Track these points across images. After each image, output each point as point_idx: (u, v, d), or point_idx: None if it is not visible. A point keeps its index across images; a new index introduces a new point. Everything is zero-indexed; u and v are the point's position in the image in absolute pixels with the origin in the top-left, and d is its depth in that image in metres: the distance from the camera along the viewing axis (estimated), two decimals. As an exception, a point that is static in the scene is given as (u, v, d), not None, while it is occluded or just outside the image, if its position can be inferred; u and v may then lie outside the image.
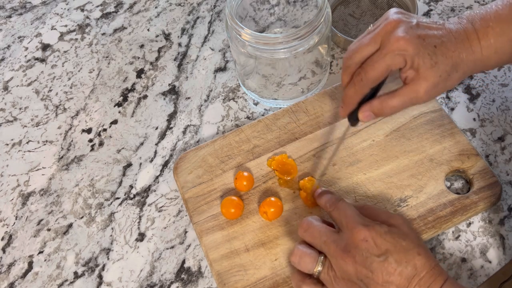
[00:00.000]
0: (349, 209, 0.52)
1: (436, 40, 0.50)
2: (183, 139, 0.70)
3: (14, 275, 0.62)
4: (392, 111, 0.53)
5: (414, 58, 0.49)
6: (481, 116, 0.67)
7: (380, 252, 0.47)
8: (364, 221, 0.50)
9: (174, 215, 0.64)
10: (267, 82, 0.69)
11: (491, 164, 0.63)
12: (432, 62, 0.49)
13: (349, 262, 0.48)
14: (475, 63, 0.51)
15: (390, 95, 0.52)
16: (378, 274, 0.47)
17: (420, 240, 0.50)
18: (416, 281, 0.47)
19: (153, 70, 0.78)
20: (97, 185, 0.68)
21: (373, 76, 0.51)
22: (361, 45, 0.52)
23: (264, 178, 0.63)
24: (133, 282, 0.60)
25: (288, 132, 0.66)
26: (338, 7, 0.78)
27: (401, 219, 0.51)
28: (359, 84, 0.52)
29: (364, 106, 0.53)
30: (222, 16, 0.82)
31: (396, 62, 0.50)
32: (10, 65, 0.81)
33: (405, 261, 0.47)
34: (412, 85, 0.51)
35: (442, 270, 0.48)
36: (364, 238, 0.48)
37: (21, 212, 0.67)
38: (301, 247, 0.52)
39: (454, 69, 0.50)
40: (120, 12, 0.85)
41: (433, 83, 0.50)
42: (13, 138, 0.74)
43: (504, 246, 0.57)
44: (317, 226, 0.52)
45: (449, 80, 0.51)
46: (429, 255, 0.49)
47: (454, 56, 0.50)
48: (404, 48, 0.49)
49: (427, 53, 0.49)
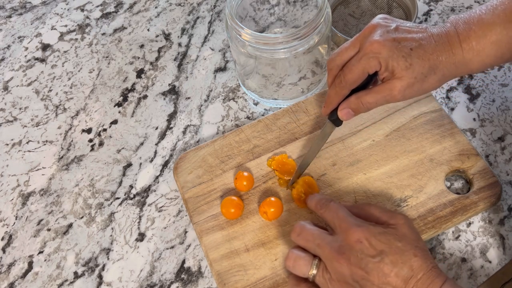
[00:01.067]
0: (341, 210, 0.52)
1: (413, 43, 0.51)
2: (183, 139, 0.70)
3: (14, 275, 0.62)
4: (368, 107, 0.54)
5: (388, 61, 0.51)
6: (481, 116, 0.67)
7: (375, 252, 0.47)
8: (358, 222, 0.50)
9: (174, 215, 0.64)
10: (267, 82, 0.69)
11: (491, 164, 0.63)
12: (407, 64, 0.51)
13: (344, 263, 0.48)
14: (457, 66, 0.52)
15: (366, 92, 0.54)
16: (374, 275, 0.47)
17: (419, 242, 0.50)
18: (413, 282, 0.47)
19: (153, 70, 0.78)
20: (97, 185, 0.68)
21: (351, 78, 0.53)
22: (342, 48, 0.54)
23: (264, 178, 0.63)
24: (133, 282, 0.60)
25: (288, 132, 0.66)
26: (338, 7, 0.78)
27: (402, 219, 0.51)
28: (339, 86, 0.54)
29: (342, 104, 0.55)
30: (222, 16, 0.82)
31: (371, 65, 0.52)
32: (10, 65, 0.81)
33: (401, 262, 0.47)
34: (387, 84, 0.52)
35: (440, 272, 0.48)
36: (358, 239, 0.48)
37: (21, 212, 0.67)
38: (295, 251, 0.52)
39: (431, 71, 0.51)
40: (120, 12, 0.85)
41: (407, 83, 0.51)
42: (13, 138, 0.74)
43: (504, 246, 0.57)
44: (310, 230, 0.52)
45: (426, 82, 0.52)
46: (427, 257, 0.48)
47: (432, 59, 0.51)
48: (378, 51, 0.51)
49: (402, 55, 0.51)
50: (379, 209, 0.53)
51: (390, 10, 0.77)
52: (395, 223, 0.50)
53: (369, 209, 0.53)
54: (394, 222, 0.51)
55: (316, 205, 0.55)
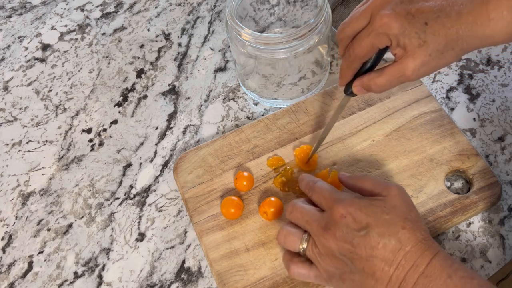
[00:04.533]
0: (326, 189, 0.52)
1: (430, 15, 0.47)
2: (183, 139, 0.70)
3: (14, 275, 0.62)
4: (380, 89, 0.52)
5: (399, 38, 0.48)
6: (481, 116, 0.67)
7: (360, 226, 0.47)
8: (342, 197, 0.50)
9: (174, 215, 0.64)
10: (267, 82, 0.69)
11: (491, 164, 0.63)
12: (420, 41, 0.47)
13: (330, 239, 0.48)
14: (480, 39, 0.47)
15: (378, 73, 0.51)
16: (361, 248, 0.47)
17: (410, 213, 0.49)
18: (401, 255, 0.46)
19: (153, 70, 0.78)
20: (97, 185, 0.68)
21: (359, 53, 0.51)
22: (352, 18, 0.51)
23: (264, 178, 0.63)
24: (133, 282, 0.60)
25: (288, 132, 0.66)
26: (338, 7, 0.78)
27: (394, 190, 0.50)
28: (348, 60, 0.52)
29: (356, 81, 0.54)
30: (222, 16, 0.82)
31: (380, 41, 0.49)
32: (10, 65, 0.81)
33: (388, 235, 0.47)
34: (399, 64, 0.49)
35: (431, 244, 0.47)
36: (342, 214, 0.48)
37: (21, 212, 0.67)
38: (287, 227, 0.53)
39: (448, 47, 0.47)
40: (120, 12, 0.85)
41: (421, 62, 0.48)
42: (13, 138, 0.74)
43: (504, 246, 0.57)
44: (301, 207, 0.52)
45: (442, 59, 0.48)
46: (417, 228, 0.48)
47: (450, 34, 0.47)
48: (388, 26, 0.48)
49: (415, 32, 0.47)
50: (372, 181, 0.52)
51: (390, 10, 0.77)
52: (386, 195, 0.50)
53: (364, 182, 0.53)
54: (386, 193, 0.50)
55: (305, 188, 0.55)
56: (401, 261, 0.46)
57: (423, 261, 0.46)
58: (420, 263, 0.46)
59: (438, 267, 0.46)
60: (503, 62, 0.71)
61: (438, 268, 0.46)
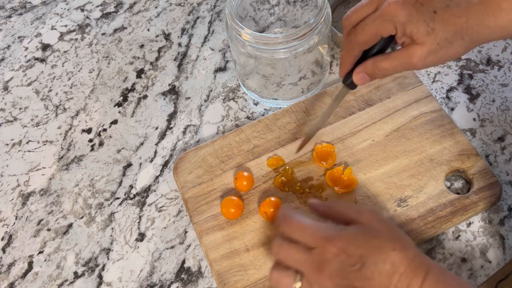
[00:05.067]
0: (307, 225, 0.49)
1: (439, 4, 0.46)
2: (183, 139, 0.70)
3: (14, 275, 0.62)
4: (384, 73, 0.51)
5: (406, 26, 0.47)
6: (481, 116, 0.67)
7: (355, 260, 0.46)
8: (330, 232, 0.48)
9: (174, 215, 0.64)
10: (267, 82, 0.69)
11: (491, 164, 0.63)
12: (428, 29, 0.46)
13: (327, 279, 0.46)
14: (491, 30, 0.46)
15: (384, 57, 0.50)
16: (358, 281, 0.46)
17: (394, 233, 0.48)
18: (396, 278, 0.46)
19: (153, 70, 0.78)
20: (97, 185, 0.68)
21: (362, 39, 0.50)
22: (359, 6, 0.50)
23: (264, 178, 0.63)
24: (133, 282, 0.60)
25: (288, 132, 0.66)
26: (338, 7, 0.78)
27: (370, 214, 0.49)
28: (349, 45, 0.51)
29: (358, 68, 0.52)
30: (222, 16, 0.82)
31: (385, 28, 0.48)
32: (10, 65, 0.81)
33: (382, 261, 0.46)
34: (406, 49, 0.48)
35: (423, 261, 0.47)
36: (335, 253, 0.46)
37: (21, 212, 0.67)
38: (275, 273, 0.50)
39: (457, 36, 0.46)
40: (120, 12, 0.85)
41: (428, 50, 0.47)
42: (13, 138, 0.74)
43: (504, 246, 0.57)
44: (288, 247, 0.49)
45: (450, 49, 0.47)
46: (406, 247, 0.47)
47: (459, 23, 0.46)
48: (395, 14, 0.47)
49: (423, 19, 0.46)
50: (344, 208, 0.51)
51: (390, 10, 0.77)
52: (362, 220, 0.49)
53: (335, 208, 0.52)
54: (362, 219, 0.49)
55: (283, 227, 0.51)
56: (397, 284, 0.46)
57: (418, 280, 0.46)
58: (415, 283, 0.45)
59: (433, 285, 0.45)
60: (503, 62, 0.71)
61: (432, 286, 0.45)
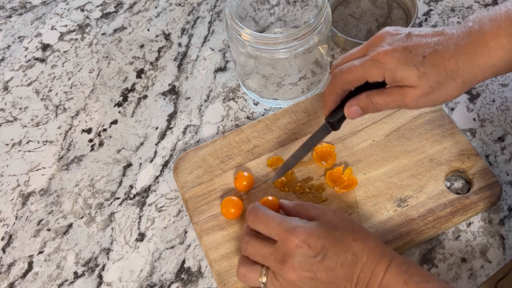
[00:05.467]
0: (272, 218, 0.50)
1: (426, 49, 0.48)
2: (183, 139, 0.70)
3: (14, 275, 0.62)
4: (377, 108, 0.51)
5: (396, 72, 0.48)
6: (481, 116, 0.67)
7: (316, 252, 0.47)
8: (292, 225, 0.49)
9: (174, 215, 0.64)
10: (267, 82, 0.69)
11: (491, 164, 0.63)
12: (419, 73, 0.47)
13: (289, 271, 0.47)
14: (481, 69, 0.47)
15: (378, 92, 0.51)
16: (321, 272, 0.47)
17: (353, 225, 0.50)
18: (359, 268, 0.47)
19: (153, 70, 0.78)
20: (97, 185, 0.68)
21: (347, 78, 0.51)
22: (347, 55, 0.52)
23: (264, 178, 0.63)
24: (133, 282, 0.60)
25: (288, 132, 0.66)
26: (338, 7, 0.78)
27: (330, 211, 0.51)
28: (332, 83, 0.52)
29: (351, 100, 0.52)
30: (222, 16, 0.82)
31: (372, 73, 0.49)
32: (10, 65, 0.81)
33: (343, 251, 0.47)
34: (400, 89, 0.49)
35: (384, 251, 0.48)
36: (297, 244, 0.47)
37: (21, 212, 0.67)
38: (243, 267, 0.51)
39: (449, 78, 0.48)
40: (120, 12, 0.85)
41: (421, 93, 0.48)
42: (13, 138, 0.74)
43: (504, 246, 0.57)
44: (254, 243, 0.51)
45: (443, 90, 0.48)
46: (367, 238, 0.48)
47: (449, 65, 0.47)
48: (384, 60, 0.48)
49: (413, 65, 0.47)
50: (310, 206, 0.53)
51: (390, 10, 0.77)
52: (327, 217, 0.50)
53: (302, 206, 0.53)
54: (325, 216, 0.50)
55: (249, 220, 0.52)
56: (360, 275, 0.47)
57: (380, 270, 0.46)
58: (378, 273, 0.46)
59: (395, 274, 0.46)
60: (503, 62, 0.71)
61: (394, 276, 0.46)
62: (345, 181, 0.61)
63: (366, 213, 0.59)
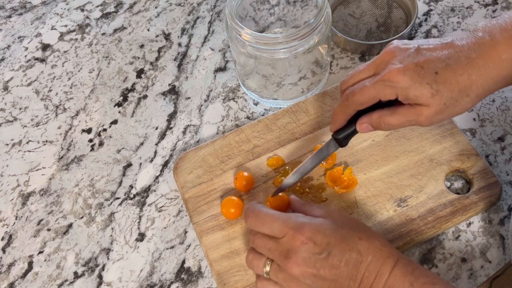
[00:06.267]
0: (275, 218, 0.50)
1: (439, 64, 0.47)
2: (183, 139, 0.70)
3: (14, 275, 0.62)
4: (389, 128, 0.51)
5: (409, 91, 0.47)
6: (481, 116, 0.67)
7: (321, 249, 0.47)
8: (298, 222, 0.49)
9: (174, 215, 0.64)
10: (267, 82, 0.69)
11: (491, 164, 0.63)
12: (433, 91, 0.47)
13: (293, 266, 0.47)
14: (494, 81, 0.47)
15: (390, 112, 0.50)
16: (325, 269, 0.47)
17: (359, 225, 0.50)
18: (364, 267, 0.47)
19: (153, 70, 0.78)
20: (97, 185, 0.68)
21: (359, 100, 0.50)
22: (356, 71, 0.51)
23: (264, 178, 0.63)
24: (133, 282, 0.60)
25: (288, 132, 0.66)
26: (338, 7, 0.78)
27: (336, 211, 0.52)
28: (344, 104, 0.51)
29: (363, 118, 0.52)
30: (222, 16, 0.82)
31: (385, 93, 0.48)
32: (10, 65, 0.81)
33: (348, 250, 0.47)
34: (413, 108, 0.49)
35: (391, 251, 0.47)
36: (302, 241, 0.47)
37: (21, 212, 0.67)
38: (250, 254, 0.52)
39: (462, 94, 0.47)
40: (120, 12, 0.85)
41: (435, 111, 0.48)
42: (13, 138, 0.74)
43: (504, 246, 0.57)
44: (260, 236, 0.51)
45: (457, 106, 0.47)
46: (373, 237, 0.48)
47: (462, 80, 0.46)
48: (396, 80, 0.47)
49: (426, 83, 0.46)
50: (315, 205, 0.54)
51: (390, 10, 0.77)
52: (329, 215, 0.50)
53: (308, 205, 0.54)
54: (327, 214, 0.51)
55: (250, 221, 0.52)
56: (365, 274, 0.47)
57: (386, 270, 0.46)
58: (383, 273, 0.46)
59: (400, 275, 0.46)
60: (503, 62, 0.71)
61: (400, 277, 0.46)
62: (345, 181, 0.61)
63: (366, 213, 0.59)
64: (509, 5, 0.77)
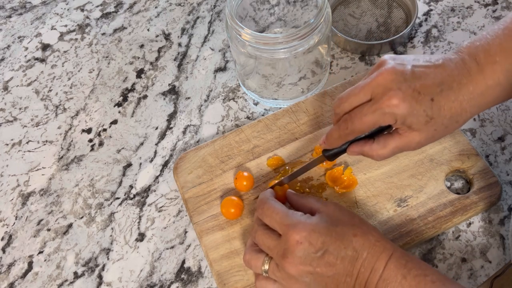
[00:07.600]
0: (277, 212, 0.51)
1: (434, 90, 0.47)
2: (183, 139, 0.70)
3: (14, 275, 0.62)
4: (381, 159, 0.52)
5: (406, 118, 0.47)
6: (481, 116, 0.67)
7: (317, 248, 0.48)
8: (294, 221, 0.49)
9: (174, 215, 0.64)
10: (267, 82, 0.69)
11: (491, 164, 0.63)
12: (427, 118, 0.48)
13: (289, 265, 0.48)
14: (482, 107, 0.49)
15: (381, 145, 0.51)
16: (321, 267, 0.47)
17: (354, 219, 0.50)
18: (360, 263, 0.47)
19: (153, 70, 0.78)
20: (97, 185, 0.68)
21: (359, 127, 0.50)
22: (351, 94, 0.50)
23: (264, 178, 0.63)
24: (133, 282, 0.60)
25: (288, 132, 0.66)
26: (338, 7, 0.78)
27: (331, 205, 0.52)
28: (343, 132, 0.51)
29: (354, 146, 0.53)
30: (222, 16, 0.82)
31: (385, 120, 0.48)
32: (10, 65, 0.81)
33: (344, 247, 0.48)
34: (404, 137, 0.50)
35: (385, 245, 0.48)
36: (298, 241, 0.48)
37: (21, 212, 0.67)
38: (248, 253, 0.53)
39: (452, 120, 0.48)
40: (120, 12, 0.85)
41: (426, 136, 0.49)
42: (13, 138, 0.74)
43: (504, 246, 0.57)
44: (262, 233, 0.52)
45: (445, 131, 0.49)
46: (367, 232, 0.49)
47: (454, 107, 0.48)
48: (397, 107, 0.47)
49: (422, 110, 0.47)
50: (312, 198, 0.54)
51: (390, 10, 0.77)
52: (328, 210, 0.51)
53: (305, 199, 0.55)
54: (326, 209, 0.51)
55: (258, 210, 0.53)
56: (360, 269, 0.47)
57: (380, 264, 0.47)
58: (378, 268, 0.47)
59: (393, 268, 0.47)
60: (503, 62, 0.71)
61: (393, 270, 0.47)
62: (345, 181, 0.61)
63: (366, 213, 0.59)
64: (509, 5, 0.77)
